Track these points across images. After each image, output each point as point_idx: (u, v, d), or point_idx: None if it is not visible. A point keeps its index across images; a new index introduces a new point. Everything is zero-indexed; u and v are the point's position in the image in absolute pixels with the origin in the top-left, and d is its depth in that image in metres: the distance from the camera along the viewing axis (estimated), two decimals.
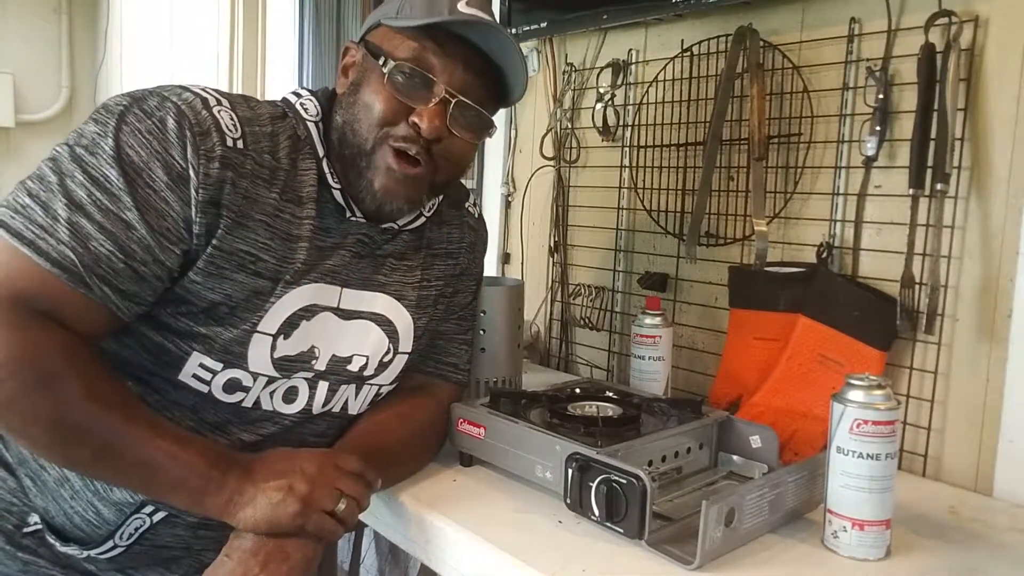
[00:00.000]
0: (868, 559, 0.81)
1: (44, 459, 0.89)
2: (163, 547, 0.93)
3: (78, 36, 3.55)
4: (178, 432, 0.82)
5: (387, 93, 0.88)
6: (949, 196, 1.05)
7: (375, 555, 2.02)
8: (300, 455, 0.84)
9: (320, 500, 0.81)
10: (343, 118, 0.92)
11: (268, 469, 0.82)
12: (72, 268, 0.77)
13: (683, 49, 1.36)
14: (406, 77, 0.88)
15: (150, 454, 0.78)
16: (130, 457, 0.78)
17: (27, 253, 0.76)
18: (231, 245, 0.84)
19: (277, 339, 0.89)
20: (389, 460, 0.95)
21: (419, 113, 0.88)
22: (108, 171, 0.80)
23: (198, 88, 0.87)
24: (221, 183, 0.83)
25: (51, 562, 0.92)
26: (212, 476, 0.79)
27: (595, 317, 1.53)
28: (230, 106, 0.87)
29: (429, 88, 0.88)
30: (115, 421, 0.78)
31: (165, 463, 0.78)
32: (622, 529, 0.82)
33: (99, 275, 0.79)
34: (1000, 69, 1.02)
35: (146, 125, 0.81)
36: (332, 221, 0.92)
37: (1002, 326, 1.02)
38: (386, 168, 0.89)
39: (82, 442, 0.77)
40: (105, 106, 0.84)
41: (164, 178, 0.81)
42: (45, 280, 0.77)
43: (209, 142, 0.82)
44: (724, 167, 1.31)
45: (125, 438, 0.78)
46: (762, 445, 1.00)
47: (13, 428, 0.78)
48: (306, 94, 0.96)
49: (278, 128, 0.90)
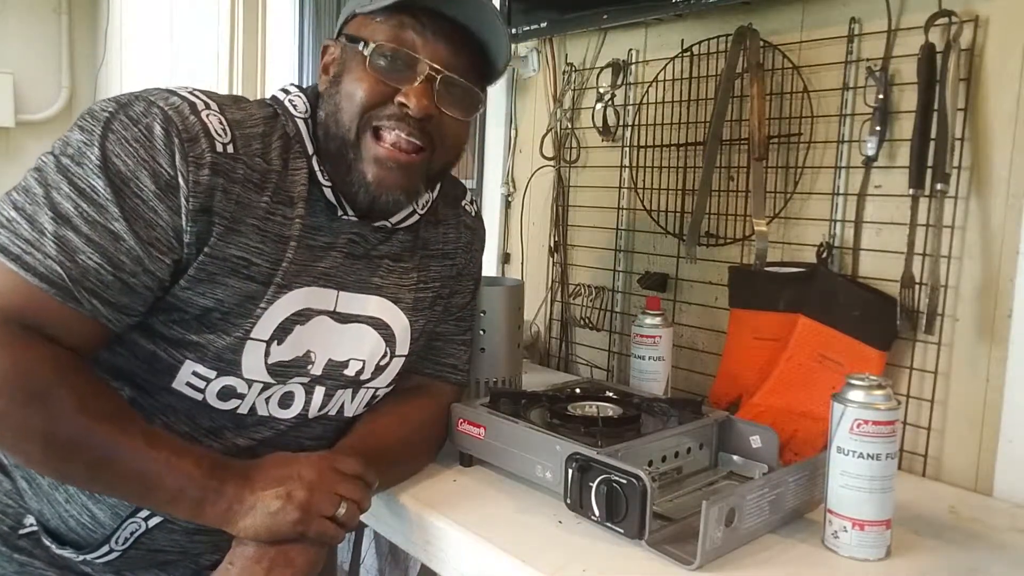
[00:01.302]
0: (868, 559, 0.81)
1: (40, 473, 0.88)
2: (159, 551, 0.92)
3: (78, 36, 3.55)
4: (174, 442, 0.81)
5: (370, 77, 0.86)
6: (949, 196, 1.05)
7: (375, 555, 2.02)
8: (298, 460, 0.84)
9: (320, 506, 0.80)
10: (326, 111, 0.90)
11: (266, 476, 0.81)
12: (60, 283, 0.76)
13: (683, 49, 1.36)
14: (388, 59, 0.86)
15: (146, 466, 0.77)
16: (126, 470, 0.78)
17: (14, 268, 0.75)
18: (223, 251, 0.83)
19: (271, 345, 0.88)
20: (389, 461, 0.95)
21: (405, 93, 0.86)
22: (94, 181, 0.78)
23: (185, 91, 0.85)
24: (212, 190, 0.81)
25: (47, 563, 0.92)
26: (210, 486, 0.79)
27: (595, 317, 1.53)
28: (219, 109, 0.85)
29: (412, 66, 0.86)
30: (109, 434, 0.77)
31: (162, 474, 0.78)
32: (622, 529, 0.82)
33: (88, 288, 0.77)
34: (1000, 69, 1.02)
35: (132, 133, 0.80)
36: (323, 219, 0.91)
37: (1002, 326, 1.02)
38: (375, 158, 0.87)
39: (76, 456, 0.77)
40: (91, 112, 0.82)
41: (152, 187, 0.79)
42: (33, 295, 0.76)
43: (198, 148, 0.81)
44: (724, 167, 1.31)
45: (119, 450, 0.77)
46: (762, 445, 0.99)
47: (6, 444, 0.78)
48: (294, 90, 0.94)
49: (270, 127, 0.89)
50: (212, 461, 0.81)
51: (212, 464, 0.81)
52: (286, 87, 0.95)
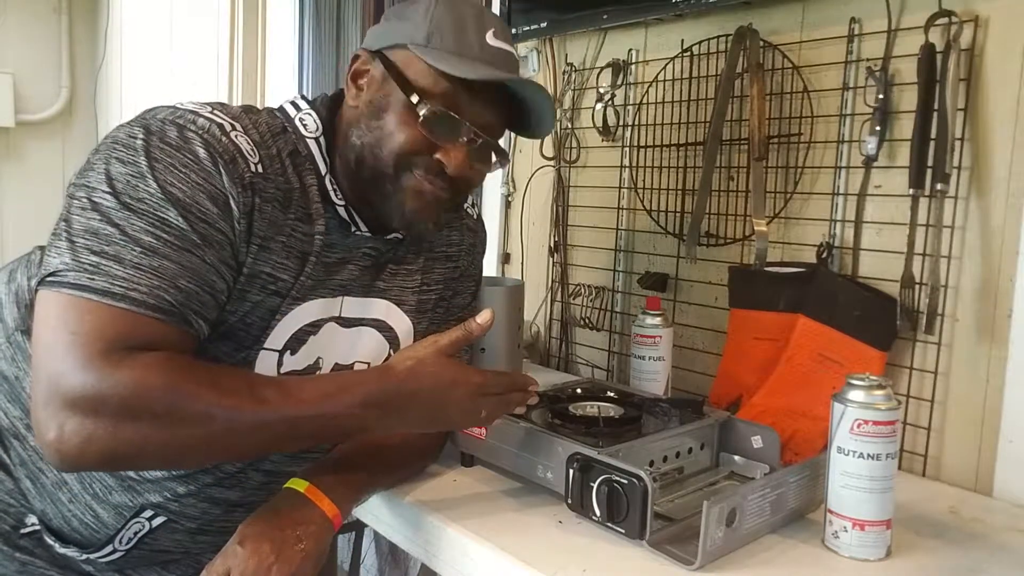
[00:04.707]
0: (868, 559, 0.81)
1: (215, 462, 0.88)
2: (162, 551, 0.92)
3: (78, 36, 3.54)
4: (318, 384, 0.82)
5: (417, 131, 0.87)
6: (949, 196, 1.05)
7: (375, 555, 2.03)
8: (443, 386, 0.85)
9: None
10: (361, 140, 0.89)
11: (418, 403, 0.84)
12: (172, 309, 0.76)
13: (683, 49, 1.36)
14: (438, 120, 0.86)
15: (317, 414, 0.79)
16: (295, 431, 0.79)
17: (124, 307, 0.74)
18: (256, 269, 0.84)
19: (284, 355, 0.89)
20: (390, 462, 0.95)
21: (445, 152, 0.87)
22: (164, 213, 0.77)
23: (206, 112, 0.84)
24: (252, 210, 0.83)
25: (48, 562, 0.92)
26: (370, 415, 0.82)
27: (595, 317, 1.53)
28: (243, 130, 0.85)
29: (457, 130, 0.87)
30: (257, 405, 0.77)
31: (334, 415, 0.80)
32: (623, 529, 0.82)
33: (195, 311, 0.78)
34: (1000, 69, 1.02)
35: (178, 159, 0.79)
36: (337, 236, 0.91)
37: (1002, 326, 1.02)
38: (417, 191, 0.89)
39: (252, 436, 0.77)
40: (120, 142, 0.80)
41: (213, 209, 0.80)
42: (142, 323, 0.75)
43: (238, 169, 0.82)
44: (724, 167, 1.31)
45: (277, 415, 0.77)
46: (763, 445, 1.00)
47: (169, 459, 0.79)
48: (305, 107, 0.93)
49: (279, 145, 0.89)
50: (365, 395, 0.81)
51: (364, 398, 0.81)
52: (296, 102, 0.94)
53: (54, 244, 0.77)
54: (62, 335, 0.73)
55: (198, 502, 0.91)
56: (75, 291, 0.73)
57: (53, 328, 0.73)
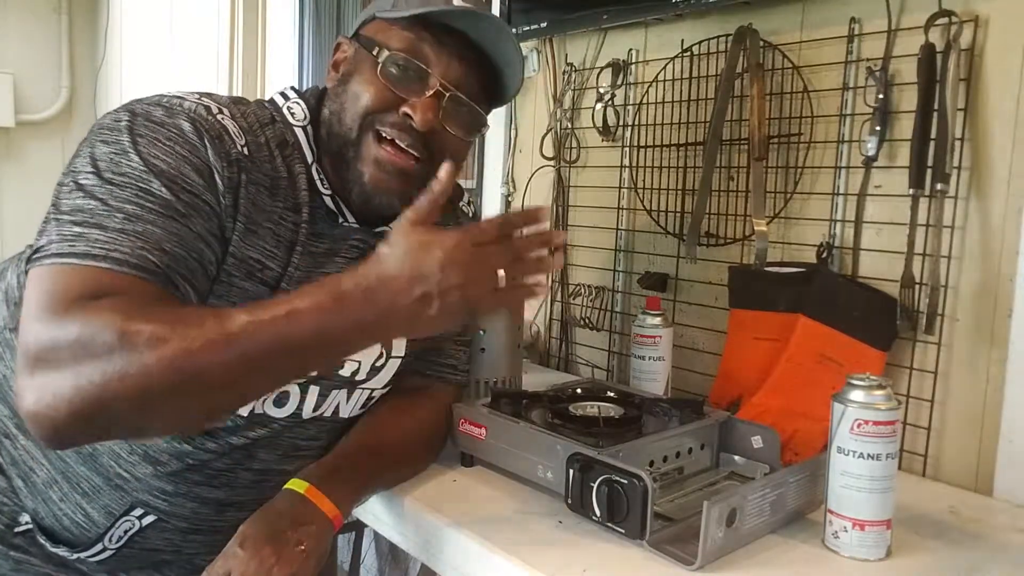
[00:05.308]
0: (869, 559, 0.81)
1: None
2: (154, 550, 0.92)
3: (78, 36, 3.54)
4: (288, 299, 0.72)
5: (379, 83, 0.86)
6: (949, 196, 1.05)
7: (375, 555, 2.03)
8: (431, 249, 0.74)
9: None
10: (330, 109, 0.90)
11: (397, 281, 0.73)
12: (156, 269, 0.73)
13: (683, 49, 1.36)
14: (400, 68, 0.86)
15: (291, 326, 0.70)
16: (258, 344, 0.69)
17: (104, 267, 0.70)
18: (243, 252, 0.83)
19: None
20: (390, 461, 0.95)
21: (411, 104, 0.86)
22: (148, 184, 0.76)
23: (193, 96, 0.84)
24: (238, 186, 0.82)
25: (43, 561, 0.92)
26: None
27: (595, 317, 1.53)
28: (230, 115, 0.85)
29: (423, 80, 0.86)
30: (233, 328, 0.68)
31: (326, 322, 0.70)
32: (623, 529, 0.82)
33: (182, 275, 0.75)
34: (1000, 69, 1.02)
35: (163, 133, 0.79)
36: (324, 227, 0.91)
37: (1002, 326, 1.02)
38: (375, 159, 0.87)
39: (212, 361, 0.68)
40: (105, 125, 0.80)
41: (199, 180, 0.79)
42: (124, 280, 0.71)
43: (225, 145, 0.81)
44: (724, 167, 1.31)
45: (238, 325, 0.68)
46: (764, 445, 1.00)
47: (138, 399, 0.67)
48: (293, 96, 0.94)
49: (268, 135, 0.89)
50: (333, 287, 0.72)
51: (332, 290, 0.72)
52: (285, 92, 0.95)
53: (42, 229, 0.75)
54: (34, 301, 0.70)
55: (187, 501, 0.91)
56: (56, 259, 0.71)
57: (28, 299, 0.71)
